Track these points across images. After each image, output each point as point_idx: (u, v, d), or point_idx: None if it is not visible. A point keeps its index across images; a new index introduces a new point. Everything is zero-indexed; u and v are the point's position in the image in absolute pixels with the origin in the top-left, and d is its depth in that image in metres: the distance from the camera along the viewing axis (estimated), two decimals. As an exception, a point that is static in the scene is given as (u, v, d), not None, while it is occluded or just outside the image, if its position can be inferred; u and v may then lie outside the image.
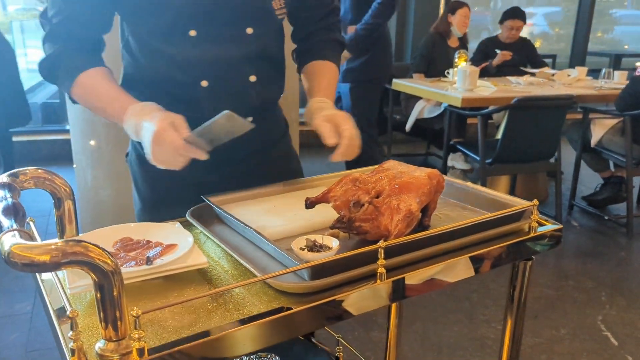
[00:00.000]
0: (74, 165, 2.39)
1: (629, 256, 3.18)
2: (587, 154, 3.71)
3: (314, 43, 1.30)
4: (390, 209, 0.90)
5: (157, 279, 0.83)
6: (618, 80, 4.05)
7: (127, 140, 1.23)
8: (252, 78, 1.16)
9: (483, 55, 4.61)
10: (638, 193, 3.93)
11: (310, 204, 0.98)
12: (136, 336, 0.62)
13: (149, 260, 0.82)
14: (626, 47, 8.42)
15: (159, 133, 0.96)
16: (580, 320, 2.47)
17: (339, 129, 1.08)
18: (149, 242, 0.90)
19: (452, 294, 2.66)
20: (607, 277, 2.87)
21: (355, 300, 0.79)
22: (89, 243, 0.63)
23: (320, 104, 1.17)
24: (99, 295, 0.62)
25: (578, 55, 6.54)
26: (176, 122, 0.99)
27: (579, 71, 4.20)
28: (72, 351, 0.62)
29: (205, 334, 0.68)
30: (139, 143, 1.13)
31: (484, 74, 4.34)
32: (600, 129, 3.51)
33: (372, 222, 0.90)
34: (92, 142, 2.01)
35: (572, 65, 6.07)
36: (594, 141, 3.54)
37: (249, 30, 1.13)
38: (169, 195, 1.21)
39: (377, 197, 0.93)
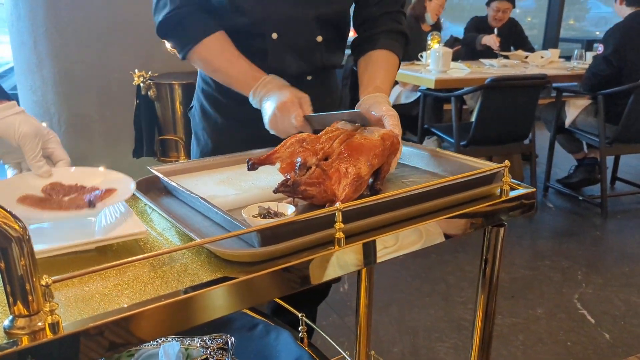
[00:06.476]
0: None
1: (604, 235, 3.17)
2: (561, 136, 3.69)
3: (376, 33, 1.25)
4: (339, 173, 0.83)
5: (89, 252, 0.74)
6: (590, 61, 4.03)
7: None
8: (319, 38, 1.21)
9: (475, 31, 4.52)
10: (611, 173, 3.94)
11: (252, 165, 0.89)
12: (47, 309, 0.53)
13: (91, 204, 0.72)
14: (598, 33, 8.47)
15: (286, 104, 1.04)
16: (557, 299, 2.44)
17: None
18: (82, 187, 0.81)
19: (428, 277, 2.62)
20: (583, 257, 2.86)
21: (311, 268, 0.71)
22: (-8, 204, 0.54)
23: (374, 99, 1.10)
24: (2, 265, 0.53)
25: (550, 42, 6.55)
26: (303, 100, 1.06)
27: (552, 53, 4.18)
28: (-28, 329, 0.53)
29: (133, 307, 0.59)
30: (205, 98, 1.30)
31: (470, 55, 4.31)
32: (574, 110, 3.49)
33: (318, 186, 0.82)
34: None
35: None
36: (568, 121, 3.52)
37: None
38: (225, 146, 1.23)
39: (326, 159, 0.86)
